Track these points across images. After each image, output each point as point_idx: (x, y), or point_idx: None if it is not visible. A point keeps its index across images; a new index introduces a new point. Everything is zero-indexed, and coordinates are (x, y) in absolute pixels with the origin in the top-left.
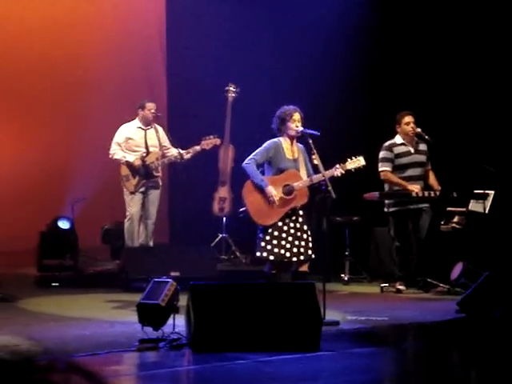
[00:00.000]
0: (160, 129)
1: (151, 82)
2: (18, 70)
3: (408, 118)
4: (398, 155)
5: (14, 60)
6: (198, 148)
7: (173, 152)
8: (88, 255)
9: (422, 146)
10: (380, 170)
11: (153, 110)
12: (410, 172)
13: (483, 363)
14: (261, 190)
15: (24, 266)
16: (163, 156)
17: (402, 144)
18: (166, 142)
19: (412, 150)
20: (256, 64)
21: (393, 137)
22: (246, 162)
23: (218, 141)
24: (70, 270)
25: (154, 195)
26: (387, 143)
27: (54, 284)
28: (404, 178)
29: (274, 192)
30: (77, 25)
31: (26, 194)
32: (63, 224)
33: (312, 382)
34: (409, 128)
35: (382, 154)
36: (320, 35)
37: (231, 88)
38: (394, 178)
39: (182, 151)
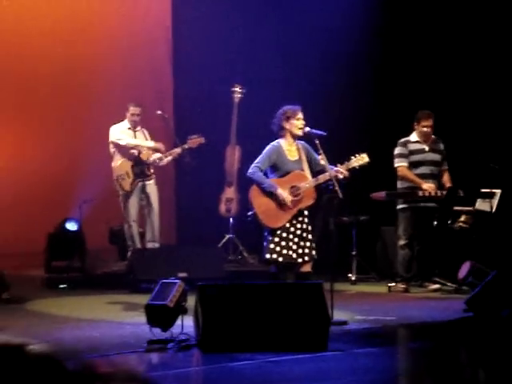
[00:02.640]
0: (146, 132)
1: (157, 84)
2: (27, 71)
3: (426, 122)
4: (412, 152)
5: (24, 61)
6: (185, 146)
7: (154, 157)
8: (96, 256)
9: (439, 146)
10: (396, 165)
11: (132, 113)
12: (422, 170)
13: (491, 362)
14: (271, 194)
15: (32, 267)
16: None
17: (416, 142)
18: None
19: (426, 148)
20: (262, 64)
21: (409, 133)
22: (250, 170)
23: (202, 139)
24: (78, 272)
25: (151, 187)
26: (402, 140)
27: (62, 286)
28: (416, 175)
29: (285, 194)
30: (82, 27)
31: (34, 195)
32: (71, 226)
33: (320, 382)
34: (425, 131)
35: (397, 150)
36: (326, 35)
37: (237, 89)
38: (411, 175)
39: (162, 156)
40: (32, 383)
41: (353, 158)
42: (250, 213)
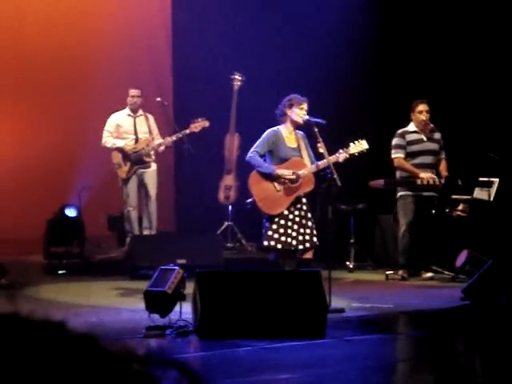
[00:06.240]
0: (151, 117)
1: (157, 71)
2: (25, 58)
3: (421, 107)
4: (410, 142)
5: (23, 49)
6: (186, 131)
7: (157, 142)
8: (95, 243)
9: (436, 135)
10: (393, 156)
11: (132, 95)
12: (420, 159)
13: (488, 350)
14: (270, 176)
15: (31, 253)
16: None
17: (414, 132)
18: (155, 130)
19: (424, 138)
20: (261, 52)
21: (406, 124)
22: (248, 155)
23: (206, 123)
24: (77, 258)
25: (149, 175)
26: (400, 130)
27: (60, 271)
28: (415, 165)
29: (287, 171)
30: (82, 14)
31: (34, 181)
32: (70, 212)
33: (318, 368)
34: (421, 117)
35: (394, 141)
36: (325, 22)
37: (237, 76)
38: (407, 165)
39: (164, 140)
40: (71, 361)
41: (352, 144)
42: (248, 200)
